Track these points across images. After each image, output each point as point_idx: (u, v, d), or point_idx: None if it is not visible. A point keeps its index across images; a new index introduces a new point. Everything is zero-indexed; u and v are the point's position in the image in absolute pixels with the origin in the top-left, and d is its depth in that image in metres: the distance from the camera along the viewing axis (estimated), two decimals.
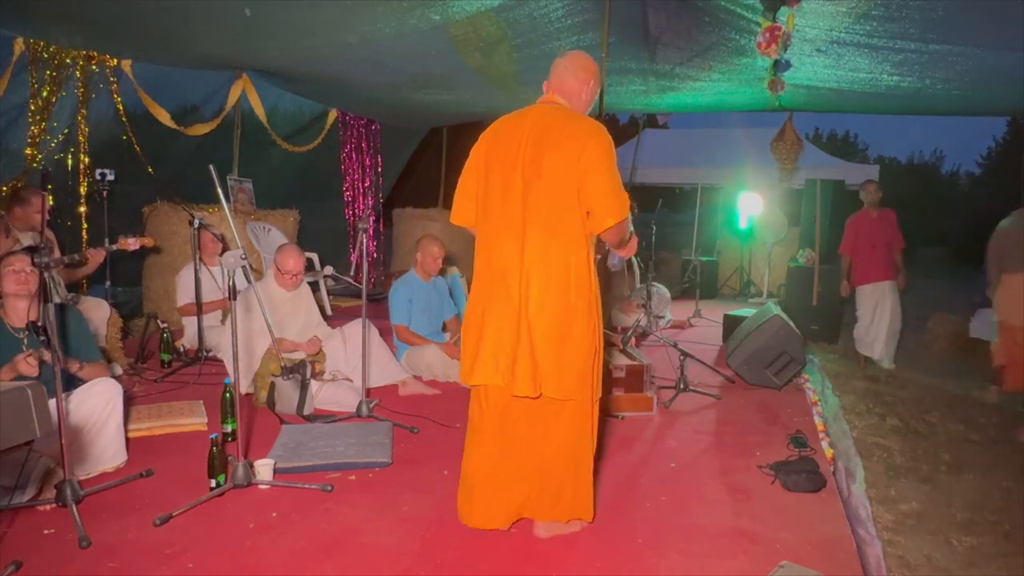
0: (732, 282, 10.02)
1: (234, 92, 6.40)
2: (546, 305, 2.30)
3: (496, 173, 2.37)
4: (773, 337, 4.63)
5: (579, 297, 2.30)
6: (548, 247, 2.30)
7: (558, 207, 2.28)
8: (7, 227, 4.23)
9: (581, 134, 2.27)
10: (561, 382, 2.32)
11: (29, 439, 1.79)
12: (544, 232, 2.30)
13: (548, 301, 2.30)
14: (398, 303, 4.68)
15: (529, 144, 2.30)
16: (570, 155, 2.25)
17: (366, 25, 5.09)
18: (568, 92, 2.41)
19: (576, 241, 2.30)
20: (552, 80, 2.44)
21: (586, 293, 2.32)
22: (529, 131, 2.32)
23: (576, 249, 2.30)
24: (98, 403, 2.86)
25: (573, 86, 2.41)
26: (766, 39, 4.81)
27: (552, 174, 2.27)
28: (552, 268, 2.30)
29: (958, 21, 4.68)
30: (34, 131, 4.95)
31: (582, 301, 2.31)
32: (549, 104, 2.40)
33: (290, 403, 3.74)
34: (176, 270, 5.27)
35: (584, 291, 2.32)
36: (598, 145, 2.25)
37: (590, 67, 2.44)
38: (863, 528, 2.81)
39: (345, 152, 8.68)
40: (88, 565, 2.25)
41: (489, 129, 2.45)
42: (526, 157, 2.30)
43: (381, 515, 2.65)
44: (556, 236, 2.29)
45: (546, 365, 2.30)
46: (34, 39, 4.84)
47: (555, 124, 2.30)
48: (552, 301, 2.30)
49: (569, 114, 2.36)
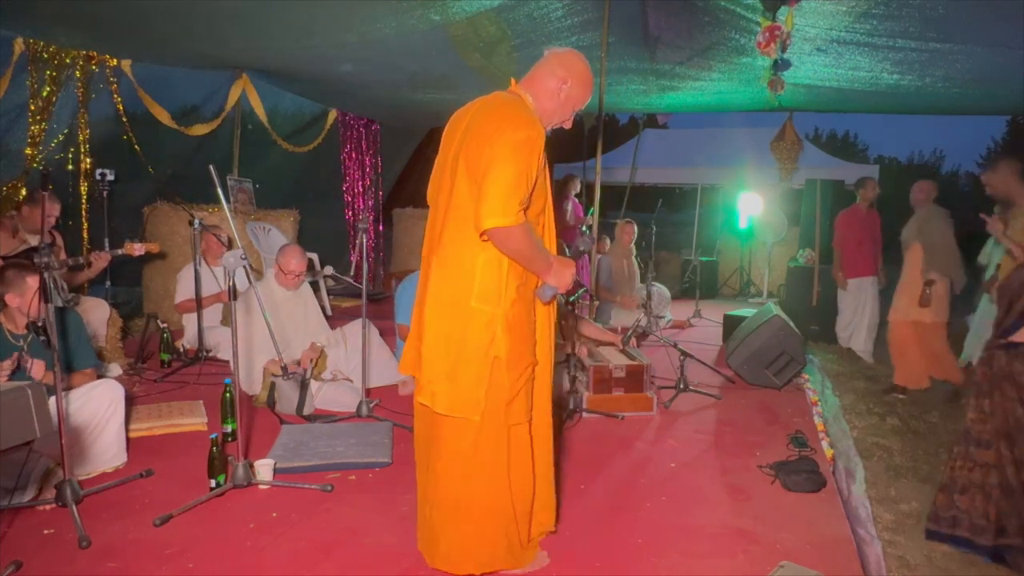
0: (732, 282, 10.02)
1: (234, 92, 6.41)
2: (440, 306, 2.09)
3: (437, 166, 2.21)
4: (773, 337, 4.63)
5: (483, 302, 2.03)
6: (455, 245, 2.07)
7: (467, 201, 2.03)
8: (15, 227, 4.24)
9: (498, 120, 2.01)
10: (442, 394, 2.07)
11: (29, 439, 1.79)
12: (454, 229, 2.07)
13: (443, 302, 2.08)
14: (404, 302, 4.66)
15: (461, 135, 2.09)
16: (483, 144, 1.99)
17: (366, 25, 5.09)
18: (537, 87, 2.17)
19: (484, 245, 2.03)
20: (529, 72, 2.22)
21: (495, 300, 2.04)
22: (468, 121, 2.10)
23: (483, 251, 2.03)
24: (100, 404, 2.87)
25: (546, 83, 2.16)
26: (766, 38, 4.81)
27: (465, 166, 2.04)
28: (452, 268, 2.07)
29: (958, 19, 4.68)
30: (34, 131, 4.95)
31: (487, 307, 2.03)
32: (495, 96, 2.15)
33: (290, 403, 3.74)
34: (176, 270, 5.28)
35: (492, 297, 2.04)
36: (509, 135, 1.97)
37: (576, 67, 2.17)
38: (863, 528, 2.81)
39: (345, 152, 8.68)
40: (88, 565, 2.25)
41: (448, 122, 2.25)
42: (455, 149, 2.10)
43: (381, 515, 2.65)
44: (463, 234, 2.04)
45: (430, 371, 2.09)
46: (34, 39, 4.84)
47: (484, 112, 2.08)
48: (447, 303, 2.08)
49: (503, 102, 2.10)
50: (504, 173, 1.94)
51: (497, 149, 1.96)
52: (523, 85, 2.20)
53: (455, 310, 2.07)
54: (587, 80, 2.22)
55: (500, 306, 2.05)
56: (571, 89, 2.17)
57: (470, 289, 2.04)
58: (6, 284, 2.90)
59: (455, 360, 2.06)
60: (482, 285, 2.05)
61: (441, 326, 2.09)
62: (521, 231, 1.97)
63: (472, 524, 2.13)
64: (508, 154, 1.95)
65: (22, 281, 2.88)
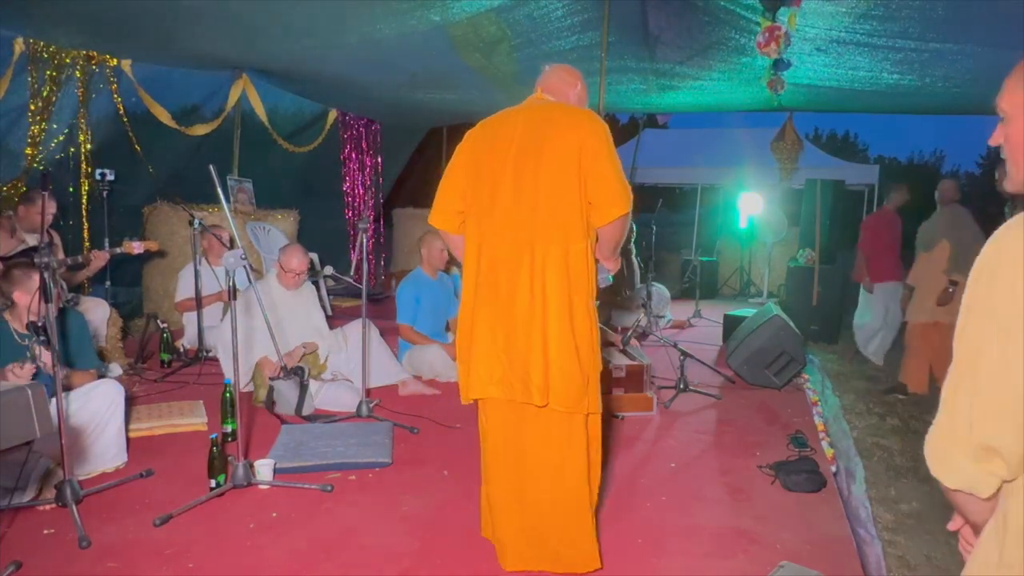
0: (732, 282, 10.02)
1: (234, 92, 6.40)
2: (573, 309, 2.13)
3: (486, 173, 2.22)
4: (773, 337, 4.63)
5: (577, 294, 2.13)
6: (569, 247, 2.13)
7: (555, 200, 2.13)
8: (13, 227, 4.24)
9: (583, 121, 2.17)
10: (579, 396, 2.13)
11: (29, 439, 1.79)
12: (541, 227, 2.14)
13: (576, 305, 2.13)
14: (405, 301, 4.67)
15: (523, 139, 2.18)
16: (572, 144, 2.12)
17: (366, 26, 5.09)
18: (556, 92, 2.36)
19: (576, 235, 2.13)
20: (541, 81, 2.40)
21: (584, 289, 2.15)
22: (523, 127, 2.20)
23: (576, 242, 2.13)
24: (101, 404, 2.87)
25: (561, 88, 2.37)
26: (765, 38, 4.81)
27: (551, 166, 2.13)
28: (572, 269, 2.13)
29: (958, 20, 4.68)
30: (34, 131, 4.95)
31: (580, 297, 2.14)
32: (540, 100, 2.33)
33: (289, 403, 3.74)
34: (176, 270, 5.28)
35: (582, 288, 2.15)
36: (600, 132, 2.15)
37: (575, 72, 2.42)
38: (863, 528, 2.81)
39: (345, 152, 8.69)
40: (88, 565, 2.25)
41: (475, 129, 2.32)
42: (520, 153, 2.17)
43: (381, 515, 2.65)
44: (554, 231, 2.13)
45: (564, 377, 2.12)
46: (34, 39, 4.84)
47: (553, 115, 2.22)
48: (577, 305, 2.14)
49: (565, 106, 2.29)
50: (613, 164, 2.14)
51: (597, 145, 2.13)
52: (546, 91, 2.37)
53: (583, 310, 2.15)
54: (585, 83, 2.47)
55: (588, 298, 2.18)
56: (580, 91, 2.40)
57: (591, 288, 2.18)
58: (13, 282, 2.90)
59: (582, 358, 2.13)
60: (576, 277, 2.15)
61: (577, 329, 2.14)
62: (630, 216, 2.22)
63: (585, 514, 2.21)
64: (609, 150, 2.15)
65: (29, 280, 2.89)
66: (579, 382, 2.12)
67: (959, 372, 0.99)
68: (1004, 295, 0.93)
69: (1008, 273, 0.92)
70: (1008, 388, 0.93)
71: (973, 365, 0.96)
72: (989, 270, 0.96)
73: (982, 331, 0.96)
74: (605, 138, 2.15)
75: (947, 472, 1.01)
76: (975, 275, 0.98)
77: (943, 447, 1.01)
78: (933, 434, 1.03)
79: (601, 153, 2.12)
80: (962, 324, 0.99)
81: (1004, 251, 0.95)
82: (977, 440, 0.97)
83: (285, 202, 7.08)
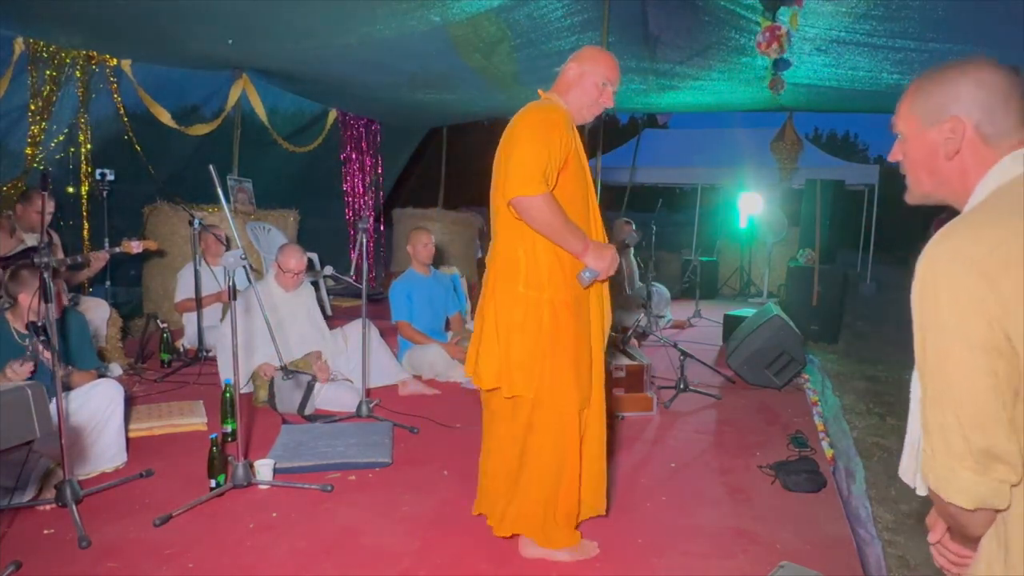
0: (732, 282, 10.02)
1: (234, 92, 6.40)
2: (495, 296, 2.26)
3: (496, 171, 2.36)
4: (773, 337, 4.63)
5: (529, 288, 2.20)
6: (501, 238, 2.28)
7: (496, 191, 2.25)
8: (12, 227, 4.24)
9: (522, 115, 2.20)
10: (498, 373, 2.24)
11: (29, 439, 1.79)
12: (499, 224, 2.28)
13: (497, 291, 2.26)
14: (396, 299, 4.69)
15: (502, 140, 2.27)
16: (508, 137, 2.19)
17: (366, 26, 5.09)
18: (560, 85, 2.33)
19: (522, 233, 2.20)
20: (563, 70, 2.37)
21: (539, 286, 2.20)
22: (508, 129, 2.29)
23: (522, 240, 2.20)
24: (100, 404, 2.86)
25: (565, 77, 2.32)
26: (766, 39, 4.81)
27: (498, 163, 2.24)
28: (500, 259, 2.26)
29: (958, 20, 4.68)
30: (34, 131, 4.95)
31: (533, 292, 2.20)
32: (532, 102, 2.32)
33: (291, 403, 3.74)
34: (176, 270, 5.28)
35: (537, 284, 2.20)
36: (528, 118, 2.17)
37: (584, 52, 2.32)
38: (863, 528, 2.81)
39: (345, 152, 8.69)
40: (88, 565, 2.25)
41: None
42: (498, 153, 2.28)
43: (381, 515, 2.65)
44: (506, 228, 2.24)
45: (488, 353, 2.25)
46: (34, 39, 4.84)
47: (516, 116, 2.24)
48: (500, 292, 2.25)
49: (531, 106, 2.27)
50: (523, 149, 2.09)
51: (517, 132, 2.14)
52: (551, 91, 2.35)
53: (507, 297, 2.23)
54: (598, 56, 2.33)
55: (545, 291, 2.21)
56: (586, 68, 2.29)
57: (516, 277, 2.22)
58: (20, 283, 2.90)
59: (506, 341, 2.22)
60: (527, 273, 2.21)
61: (497, 312, 2.24)
62: (544, 201, 2.07)
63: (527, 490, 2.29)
64: (526, 133, 2.12)
65: (35, 281, 2.89)
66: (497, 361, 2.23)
67: (936, 391, 1.01)
68: (950, 308, 0.98)
69: (947, 285, 0.98)
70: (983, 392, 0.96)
71: (946, 380, 0.99)
72: (930, 288, 1.01)
73: (943, 347, 1.00)
74: (529, 123, 2.15)
75: (959, 493, 1.00)
76: (919, 296, 1.03)
77: (946, 468, 1.01)
78: (932, 461, 1.03)
79: (518, 137, 2.13)
80: (921, 346, 1.03)
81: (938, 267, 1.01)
82: (977, 448, 0.98)
83: (285, 202, 7.08)
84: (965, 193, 1.12)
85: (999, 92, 1.08)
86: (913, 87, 1.18)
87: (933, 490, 1.04)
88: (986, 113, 1.08)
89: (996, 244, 0.97)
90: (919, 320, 1.03)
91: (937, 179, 1.15)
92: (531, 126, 2.14)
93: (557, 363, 2.22)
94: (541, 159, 2.07)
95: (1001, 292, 0.95)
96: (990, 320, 0.95)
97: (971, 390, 0.97)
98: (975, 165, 1.10)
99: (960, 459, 0.99)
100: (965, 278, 0.97)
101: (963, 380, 0.98)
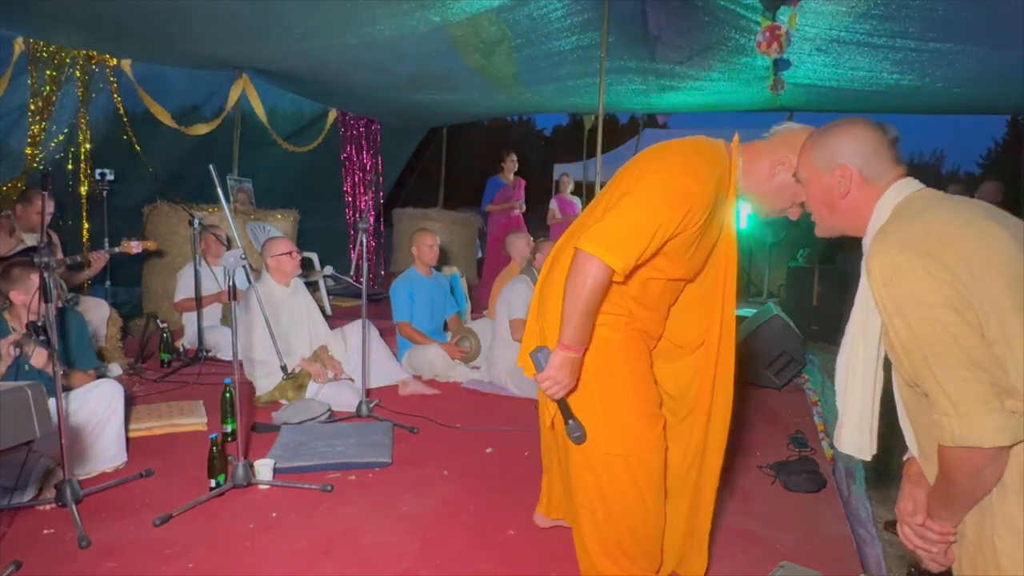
0: None
1: (234, 92, 6.40)
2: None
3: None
4: (773, 337, 4.63)
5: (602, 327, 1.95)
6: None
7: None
8: (12, 227, 4.24)
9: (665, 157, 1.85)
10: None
11: (29, 439, 1.79)
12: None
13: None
14: (399, 299, 4.68)
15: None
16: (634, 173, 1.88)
17: (366, 26, 5.09)
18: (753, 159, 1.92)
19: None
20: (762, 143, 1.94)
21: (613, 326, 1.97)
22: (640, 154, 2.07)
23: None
24: (100, 404, 2.86)
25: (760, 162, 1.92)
26: (766, 39, 4.81)
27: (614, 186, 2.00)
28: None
29: (958, 20, 4.68)
30: (34, 131, 4.95)
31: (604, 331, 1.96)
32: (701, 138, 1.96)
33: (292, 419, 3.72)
34: (175, 270, 5.28)
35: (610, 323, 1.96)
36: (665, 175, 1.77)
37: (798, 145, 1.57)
38: (863, 528, 2.81)
39: (345, 152, 8.68)
40: (88, 565, 2.25)
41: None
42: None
43: (381, 515, 2.65)
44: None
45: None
46: (34, 39, 4.84)
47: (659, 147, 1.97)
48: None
49: (689, 144, 1.91)
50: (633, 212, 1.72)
51: (644, 182, 1.76)
52: (745, 146, 1.93)
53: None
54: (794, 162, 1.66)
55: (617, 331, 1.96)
56: (786, 175, 1.86)
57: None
58: (11, 281, 2.90)
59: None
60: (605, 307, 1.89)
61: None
62: (602, 273, 1.69)
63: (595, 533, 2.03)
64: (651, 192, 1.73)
65: (27, 279, 2.88)
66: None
67: (936, 355, 1.16)
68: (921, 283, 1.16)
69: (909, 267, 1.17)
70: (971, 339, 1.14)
71: (944, 340, 1.15)
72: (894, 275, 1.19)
73: (928, 315, 1.16)
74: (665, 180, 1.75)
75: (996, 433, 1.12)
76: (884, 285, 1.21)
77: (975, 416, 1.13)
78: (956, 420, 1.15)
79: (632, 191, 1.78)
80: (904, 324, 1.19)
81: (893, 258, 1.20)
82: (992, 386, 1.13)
83: (285, 202, 7.07)
84: (861, 222, 1.38)
85: (871, 144, 1.36)
86: (809, 143, 1.45)
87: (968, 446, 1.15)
88: (865, 160, 1.36)
89: (926, 231, 1.20)
90: (893, 303, 1.20)
91: (837, 214, 1.43)
92: (664, 189, 1.73)
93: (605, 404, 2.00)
94: (647, 233, 1.70)
95: (946, 263, 1.15)
96: (948, 284, 1.15)
97: (964, 342, 1.14)
98: (865, 200, 1.37)
99: (985, 402, 1.13)
100: (918, 258, 1.17)
101: (957, 335, 1.14)
